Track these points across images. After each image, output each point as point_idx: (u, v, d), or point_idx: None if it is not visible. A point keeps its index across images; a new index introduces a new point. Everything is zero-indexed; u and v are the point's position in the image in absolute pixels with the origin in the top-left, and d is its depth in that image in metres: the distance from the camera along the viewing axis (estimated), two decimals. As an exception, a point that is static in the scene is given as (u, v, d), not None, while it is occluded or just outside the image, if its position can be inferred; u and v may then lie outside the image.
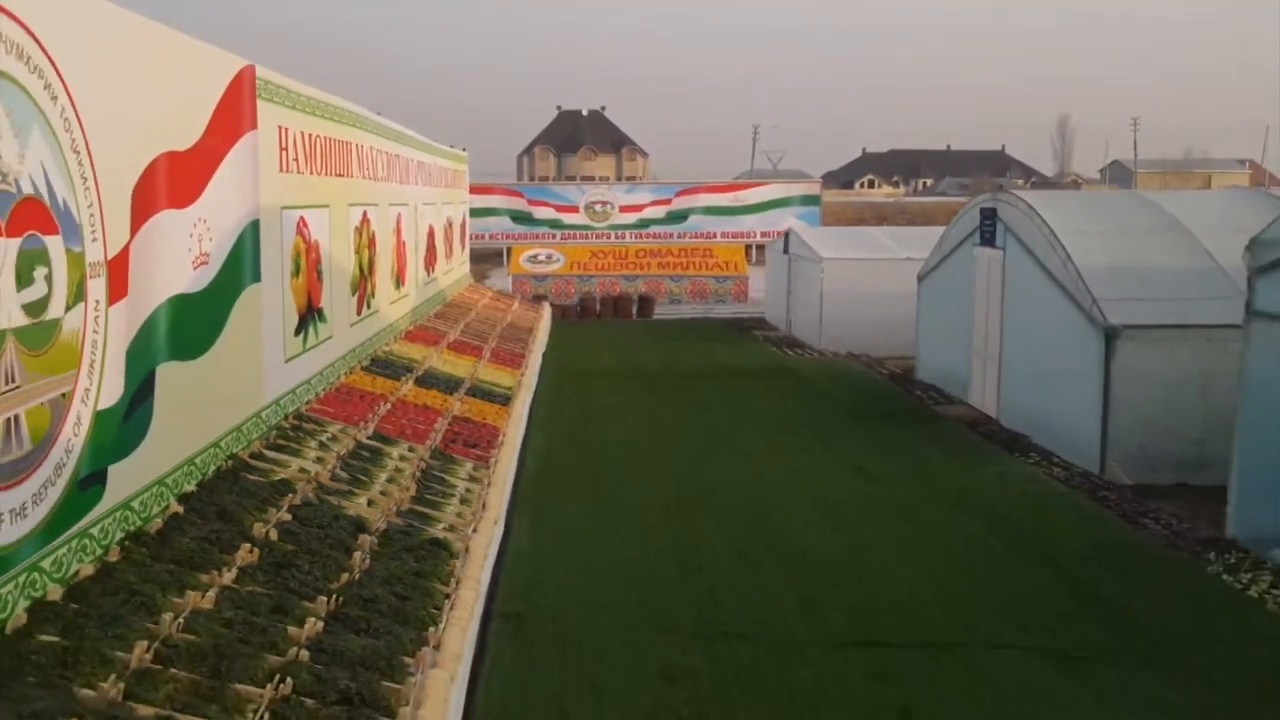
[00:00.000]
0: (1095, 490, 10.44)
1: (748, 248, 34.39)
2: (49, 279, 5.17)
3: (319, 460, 8.46)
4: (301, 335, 9.95)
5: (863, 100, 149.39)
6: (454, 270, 22.07)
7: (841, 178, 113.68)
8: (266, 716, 4.65)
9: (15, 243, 4.86)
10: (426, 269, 17.94)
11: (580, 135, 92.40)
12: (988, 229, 14.14)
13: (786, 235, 23.90)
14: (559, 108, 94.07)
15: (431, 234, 18.62)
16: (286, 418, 9.16)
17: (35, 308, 5.05)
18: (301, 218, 9.94)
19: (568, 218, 38.97)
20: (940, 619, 6.99)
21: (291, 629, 5.52)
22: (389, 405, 10.75)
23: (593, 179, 71.11)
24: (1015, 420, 13.16)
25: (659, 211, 39.41)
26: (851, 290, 20.22)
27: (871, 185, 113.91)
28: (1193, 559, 8.28)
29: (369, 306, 13.05)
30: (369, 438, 9.43)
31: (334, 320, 11.13)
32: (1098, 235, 12.20)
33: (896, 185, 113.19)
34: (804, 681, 6.02)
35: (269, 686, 4.85)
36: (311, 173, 10.29)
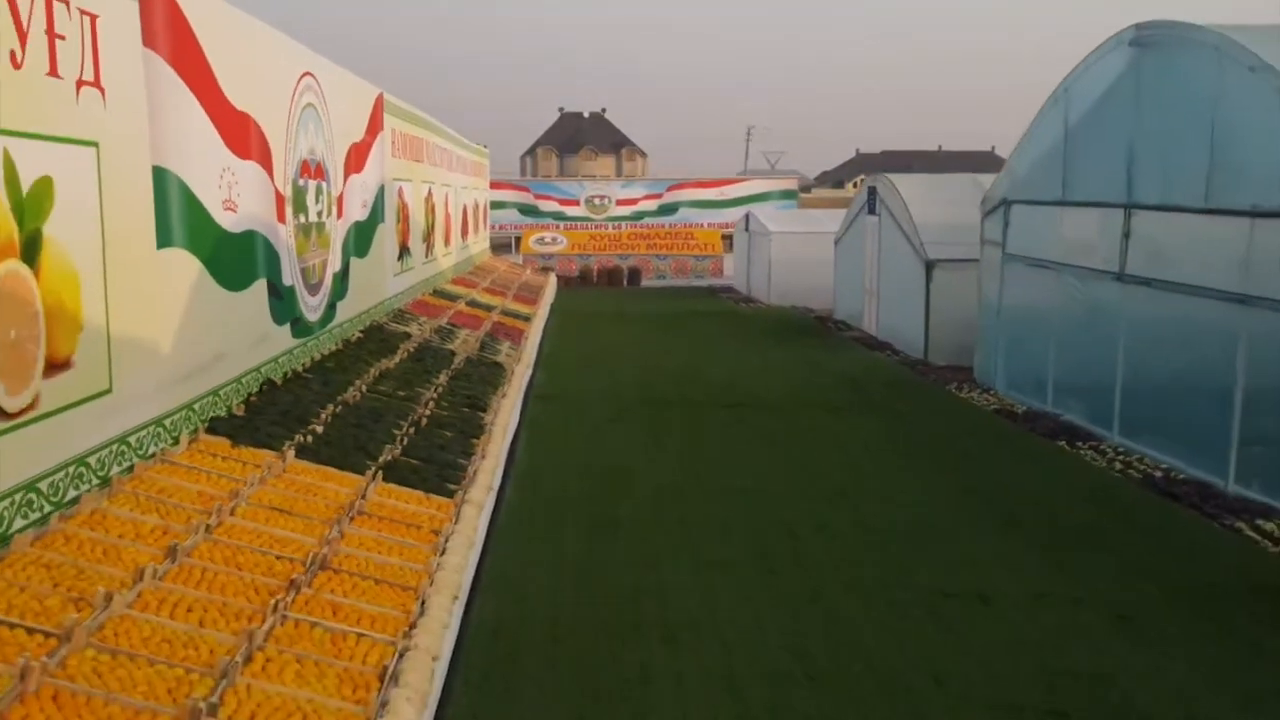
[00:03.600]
0: (914, 365, 16.06)
1: (728, 237, 39.78)
2: (322, 200, 10.82)
3: (419, 330, 14.10)
4: (400, 261, 15.59)
5: (859, 104, 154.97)
6: (479, 242, 27.75)
7: (835, 177, 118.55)
8: (431, 404, 10.27)
9: (315, 182, 10.52)
10: (462, 236, 23.60)
11: (582, 136, 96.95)
12: (871, 202, 19.75)
13: (747, 216, 29.53)
14: (561, 109, 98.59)
15: (465, 210, 24.27)
16: (394, 310, 14.78)
17: (319, 214, 10.70)
18: (401, 187, 15.59)
19: (569, 210, 43.71)
20: (778, 402, 12.67)
21: (434, 379, 11.17)
22: (452, 312, 16.39)
23: (593, 178, 76.11)
24: (886, 335, 18.75)
25: (652, 205, 44.20)
26: (793, 256, 25.84)
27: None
28: (941, 386, 13.93)
29: (431, 254, 18.70)
30: (445, 324, 15.08)
31: (414, 257, 16.78)
32: (933, 203, 17.75)
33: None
34: (698, 412, 11.76)
35: (431, 389, 10.50)
36: (405, 158, 15.94)
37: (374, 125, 13.49)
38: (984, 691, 5.24)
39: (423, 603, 5.53)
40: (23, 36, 4.98)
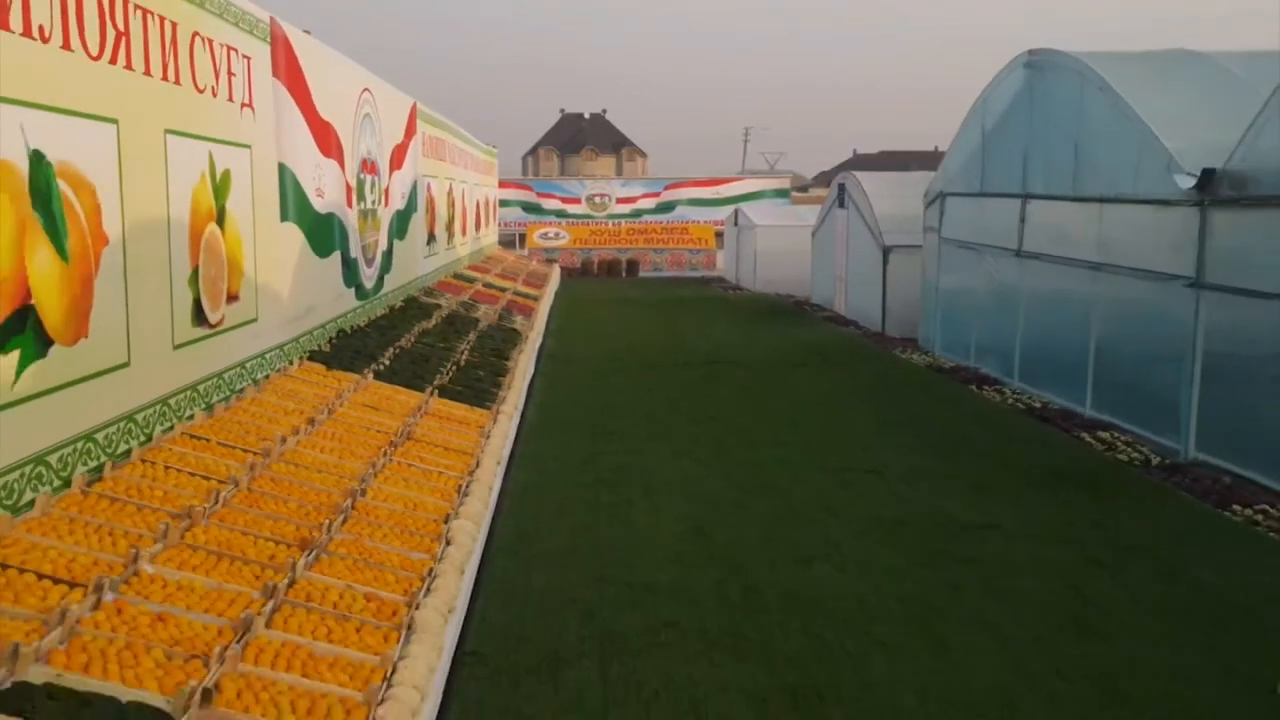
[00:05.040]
0: (872, 337, 18.59)
1: (721, 233, 42.09)
2: (375, 191, 13.36)
3: (448, 302, 16.64)
4: (428, 246, 18.12)
5: (858, 105, 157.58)
6: (489, 235, 30.28)
7: (831, 178, 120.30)
8: (466, 352, 12.81)
9: (370, 177, 13.05)
10: (475, 228, 26.13)
11: (582, 136, 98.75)
12: (841, 197, 22.28)
13: (736, 211, 32.08)
14: (562, 110, 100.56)
15: (478, 205, 26.81)
16: (424, 287, 17.32)
17: (373, 203, 13.24)
18: (429, 183, 18.13)
19: (571, 208, 45.65)
20: (749, 363, 15.22)
21: (465, 337, 13.71)
22: (472, 291, 18.94)
23: (594, 177, 78.08)
24: (853, 314, 21.28)
25: (650, 203, 46.13)
26: (776, 247, 28.39)
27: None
28: (889, 350, 16.47)
29: (451, 242, 21.24)
30: (467, 299, 17.62)
31: (439, 243, 19.32)
32: (892, 197, 20.26)
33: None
34: (681, 370, 14.30)
35: (464, 343, 13.04)
36: (432, 158, 18.48)
37: (410, 129, 16.02)
38: (859, 517, 7.77)
39: (478, 462, 8.07)
40: (217, 75, 7.52)
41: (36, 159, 4.99)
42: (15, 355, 4.84)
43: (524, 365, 13.02)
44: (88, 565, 4.59)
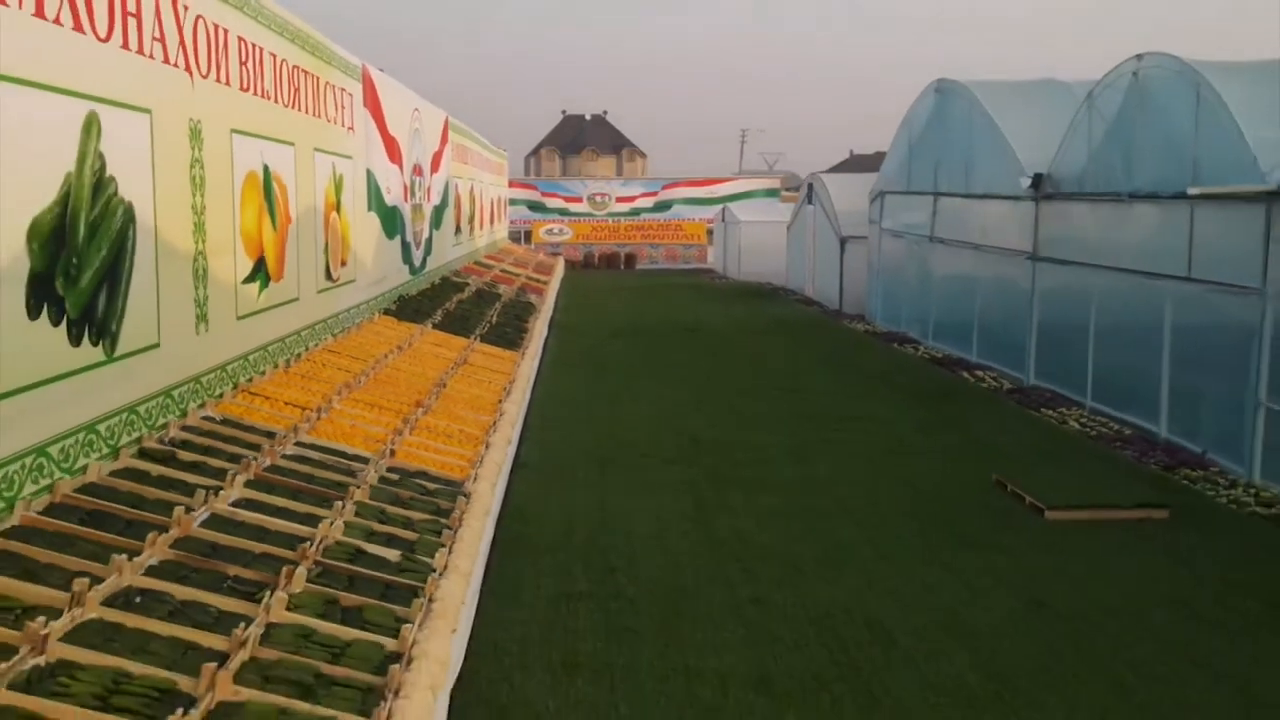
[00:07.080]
0: (830, 313, 22.02)
1: (713, 230, 45.35)
2: (421, 190, 16.80)
3: (474, 282, 20.09)
4: (456, 236, 21.58)
5: (856, 107, 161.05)
6: (501, 230, 33.77)
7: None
8: (495, 316, 16.26)
9: (417, 178, 16.49)
10: (490, 223, 29.60)
11: (583, 137, 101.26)
12: (809, 195, 25.73)
13: (724, 209, 35.53)
14: (564, 112, 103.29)
15: (493, 203, 30.27)
16: (453, 270, 20.76)
17: (419, 199, 16.68)
18: (456, 183, 21.58)
19: (574, 207, 48.62)
20: (722, 331, 18.68)
21: (492, 306, 17.17)
22: (491, 275, 22.40)
23: (595, 178, 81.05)
24: (819, 297, 24.72)
25: (648, 202, 49.16)
26: (758, 241, 31.83)
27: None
28: (840, 322, 19.91)
29: (472, 235, 24.69)
30: (489, 281, 21.07)
31: (463, 234, 22.77)
32: (850, 195, 23.64)
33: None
34: (665, 336, 17.75)
35: (492, 310, 16.50)
36: (457, 161, 21.94)
37: (444, 139, 19.48)
38: (777, 412, 11.22)
39: (514, 378, 11.53)
40: (336, 109, 10.95)
41: (266, 169, 8.43)
42: (258, 284, 8.29)
43: (540, 328, 16.47)
44: (305, 401, 8.04)
